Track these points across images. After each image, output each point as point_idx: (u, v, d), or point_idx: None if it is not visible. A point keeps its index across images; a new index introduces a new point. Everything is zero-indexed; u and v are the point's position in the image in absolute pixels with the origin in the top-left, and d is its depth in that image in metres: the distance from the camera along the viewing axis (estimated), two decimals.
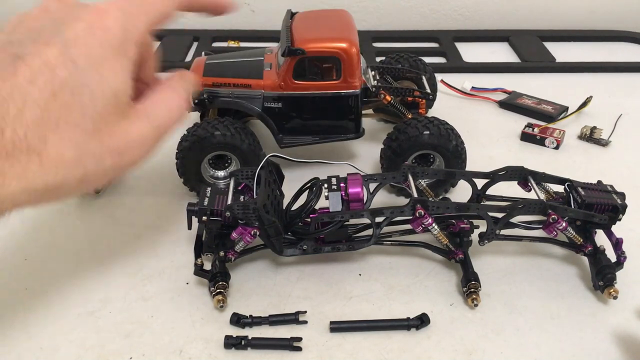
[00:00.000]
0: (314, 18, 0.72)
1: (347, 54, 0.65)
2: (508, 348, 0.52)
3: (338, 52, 0.65)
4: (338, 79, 0.67)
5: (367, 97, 0.71)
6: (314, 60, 0.66)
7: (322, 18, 0.72)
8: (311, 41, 0.65)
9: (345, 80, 0.67)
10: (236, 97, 0.69)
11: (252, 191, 0.58)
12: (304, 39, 0.66)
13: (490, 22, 1.16)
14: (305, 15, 0.72)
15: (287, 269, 0.59)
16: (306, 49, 0.65)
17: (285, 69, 0.66)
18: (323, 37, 0.66)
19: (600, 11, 1.16)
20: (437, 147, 0.65)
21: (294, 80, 0.67)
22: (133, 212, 0.67)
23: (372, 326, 0.53)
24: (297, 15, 0.72)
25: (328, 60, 0.66)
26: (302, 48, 0.65)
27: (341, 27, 0.69)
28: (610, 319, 0.55)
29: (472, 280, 0.55)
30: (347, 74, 0.66)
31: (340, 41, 0.66)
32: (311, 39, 0.66)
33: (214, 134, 0.64)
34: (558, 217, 0.56)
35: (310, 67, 0.67)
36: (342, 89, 0.67)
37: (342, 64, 0.66)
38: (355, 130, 0.70)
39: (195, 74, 0.70)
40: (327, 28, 0.69)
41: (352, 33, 0.68)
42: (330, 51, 0.65)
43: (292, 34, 0.67)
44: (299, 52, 0.65)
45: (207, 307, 0.55)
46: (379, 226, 0.57)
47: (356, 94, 0.68)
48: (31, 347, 0.51)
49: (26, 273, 0.58)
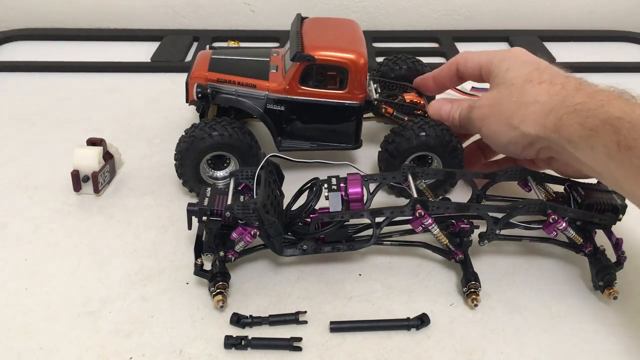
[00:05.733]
0: (324, 25, 0.72)
1: (355, 65, 0.66)
2: (508, 348, 0.52)
3: (347, 63, 0.66)
4: (343, 89, 0.67)
5: (368, 109, 0.72)
6: (321, 68, 0.67)
7: (332, 26, 0.72)
8: (321, 49, 0.66)
9: (350, 91, 0.67)
10: (239, 96, 0.69)
11: (252, 191, 0.58)
12: (314, 46, 0.66)
13: (490, 22, 1.16)
14: (315, 22, 0.72)
15: (287, 269, 0.59)
16: (316, 57, 0.65)
17: (292, 74, 0.66)
18: (333, 46, 0.67)
19: (600, 11, 1.16)
20: (433, 148, 0.65)
21: (300, 86, 0.67)
22: (133, 212, 0.67)
23: (372, 326, 0.53)
24: (306, 20, 0.73)
25: (336, 69, 0.66)
26: (311, 55, 0.65)
27: (351, 37, 0.70)
28: (610, 319, 0.55)
29: (472, 280, 0.55)
30: (353, 85, 0.67)
31: (350, 52, 0.66)
32: (321, 47, 0.66)
33: (212, 134, 0.64)
34: (558, 217, 0.56)
35: (317, 74, 0.67)
36: (347, 99, 0.68)
37: (350, 75, 0.66)
38: (355, 141, 0.71)
39: (200, 67, 0.70)
40: (338, 37, 0.69)
41: (361, 45, 0.68)
42: (339, 61, 0.66)
43: (302, 39, 0.67)
44: (308, 58, 0.65)
45: (207, 307, 0.55)
46: (379, 226, 0.57)
47: (360, 105, 0.68)
48: (31, 347, 0.51)
49: (26, 273, 0.58)
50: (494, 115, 0.61)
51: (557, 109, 0.55)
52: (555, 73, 0.59)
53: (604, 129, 0.50)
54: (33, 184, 0.71)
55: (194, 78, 0.69)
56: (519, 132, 0.58)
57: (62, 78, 0.96)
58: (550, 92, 0.57)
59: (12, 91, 0.92)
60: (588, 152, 0.52)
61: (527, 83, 0.59)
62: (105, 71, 0.98)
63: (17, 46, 1.08)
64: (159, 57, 1.03)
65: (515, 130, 0.58)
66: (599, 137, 0.50)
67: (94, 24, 1.13)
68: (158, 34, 1.10)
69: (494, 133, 0.61)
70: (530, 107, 0.57)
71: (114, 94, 0.92)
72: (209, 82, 0.69)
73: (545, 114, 0.56)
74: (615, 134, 0.49)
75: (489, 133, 0.62)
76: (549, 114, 0.55)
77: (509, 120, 0.59)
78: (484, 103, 0.63)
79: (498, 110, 0.60)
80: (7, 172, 0.73)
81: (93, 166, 0.67)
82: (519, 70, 0.61)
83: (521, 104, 0.58)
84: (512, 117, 0.58)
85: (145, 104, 0.89)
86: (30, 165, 0.74)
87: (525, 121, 0.57)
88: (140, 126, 0.83)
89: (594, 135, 0.50)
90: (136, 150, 0.77)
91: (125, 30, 1.13)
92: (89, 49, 1.06)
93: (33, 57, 1.01)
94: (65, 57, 1.01)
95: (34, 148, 0.78)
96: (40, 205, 0.67)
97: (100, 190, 0.68)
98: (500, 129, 0.60)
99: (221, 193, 0.57)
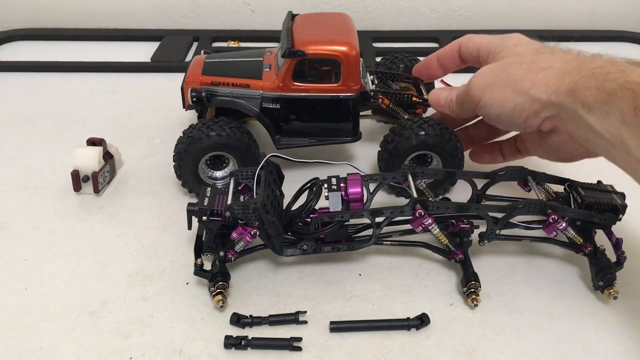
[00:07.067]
0: (315, 20, 0.72)
1: (347, 57, 0.66)
2: (508, 348, 0.52)
3: (338, 55, 0.65)
4: (337, 82, 0.67)
5: (365, 101, 0.71)
6: (313, 62, 0.66)
7: (323, 21, 0.72)
8: (312, 43, 0.66)
9: (344, 83, 0.67)
10: (235, 97, 0.69)
11: (252, 191, 0.58)
12: (305, 41, 0.66)
13: (490, 22, 1.16)
14: (306, 18, 0.72)
15: (287, 269, 0.59)
16: (306, 51, 0.65)
17: (284, 71, 0.66)
18: (324, 40, 0.66)
19: (600, 11, 1.16)
20: (433, 147, 0.65)
21: (293, 82, 0.67)
22: (133, 212, 0.67)
23: (372, 326, 0.53)
24: (297, 17, 0.72)
25: (328, 63, 0.66)
26: (302, 50, 0.65)
27: (342, 30, 0.69)
28: (610, 319, 0.55)
29: (472, 280, 0.55)
30: (347, 78, 0.67)
31: (340, 44, 0.66)
32: (312, 41, 0.66)
33: (209, 134, 0.64)
34: (558, 217, 0.56)
35: (310, 69, 0.67)
36: (341, 92, 0.67)
37: (342, 67, 0.66)
38: (353, 134, 0.71)
39: (194, 72, 0.70)
40: (328, 31, 0.69)
41: (353, 37, 0.68)
42: (330, 54, 0.65)
43: (292, 35, 0.67)
44: (299, 53, 0.65)
45: (207, 307, 0.55)
46: (379, 226, 0.57)
47: (355, 97, 0.68)
48: (31, 347, 0.51)
49: (26, 273, 0.58)
50: (499, 82, 0.58)
51: (574, 72, 0.53)
52: (566, 48, 0.58)
53: (623, 93, 0.48)
54: (33, 184, 0.71)
55: (189, 83, 0.70)
56: (528, 97, 0.56)
57: (62, 78, 0.96)
58: (566, 59, 0.55)
59: (12, 91, 0.92)
60: (603, 117, 0.50)
61: (540, 53, 0.58)
62: (105, 71, 0.98)
63: (18, 46, 1.08)
64: (159, 57, 1.03)
65: (523, 95, 0.56)
66: (616, 102, 0.49)
67: (94, 24, 1.13)
68: (158, 34, 1.10)
69: (497, 101, 0.58)
70: (543, 72, 0.55)
71: (114, 94, 0.92)
72: (203, 86, 0.69)
73: (560, 77, 0.54)
74: (634, 99, 0.47)
75: (491, 101, 0.59)
76: (564, 77, 0.54)
77: (517, 85, 0.56)
78: (486, 71, 0.61)
79: (504, 77, 0.58)
80: (7, 172, 0.73)
81: (93, 166, 0.67)
82: (528, 45, 0.60)
83: (533, 68, 0.56)
84: (522, 81, 0.56)
85: (145, 104, 0.89)
86: (30, 165, 0.74)
87: (536, 85, 0.55)
88: (140, 126, 0.83)
89: (611, 100, 0.49)
90: (136, 150, 0.77)
91: (125, 30, 1.13)
92: (89, 49, 1.06)
93: (33, 57, 1.01)
94: (65, 57, 1.01)
95: (34, 148, 0.78)
96: (40, 205, 0.67)
97: (100, 190, 0.68)
98: (505, 96, 0.57)
99: (221, 193, 0.57)
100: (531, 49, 0.59)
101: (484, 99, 0.59)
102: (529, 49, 0.59)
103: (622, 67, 0.51)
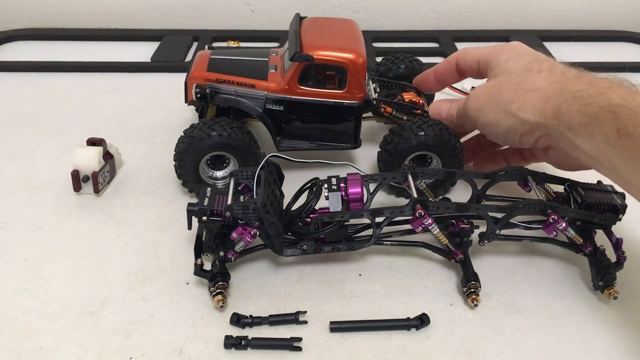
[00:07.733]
0: (323, 25, 0.72)
1: (354, 65, 0.66)
2: (508, 348, 0.52)
3: (346, 63, 0.66)
4: (342, 89, 0.67)
5: (367, 109, 0.72)
6: (320, 68, 0.66)
7: (331, 26, 0.72)
8: (320, 49, 0.66)
9: (349, 91, 0.67)
10: (238, 96, 0.69)
11: (252, 191, 0.58)
12: (313, 46, 0.66)
13: (490, 22, 1.16)
14: (314, 22, 0.72)
15: (287, 269, 0.59)
16: (315, 56, 0.65)
17: (291, 74, 0.66)
18: (332, 46, 0.67)
19: (600, 11, 1.16)
20: (432, 147, 0.65)
21: (299, 86, 0.67)
22: (133, 212, 0.67)
23: (372, 326, 0.53)
24: (305, 20, 0.73)
25: (334, 69, 0.66)
26: (310, 54, 0.65)
27: (350, 37, 0.70)
28: (610, 319, 0.55)
29: (472, 280, 0.55)
30: (352, 85, 0.67)
31: (348, 52, 0.66)
32: (320, 47, 0.66)
33: (210, 134, 0.64)
34: (558, 217, 0.56)
35: (315, 74, 0.67)
36: (346, 99, 0.68)
37: (349, 74, 0.66)
38: (354, 141, 0.71)
39: (199, 67, 0.70)
40: (336, 37, 0.69)
41: (360, 45, 0.68)
42: (338, 61, 0.66)
43: (301, 39, 0.67)
44: (307, 58, 0.65)
45: (207, 307, 0.55)
46: (379, 226, 0.57)
47: (359, 105, 0.68)
48: (31, 347, 0.51)
49: (26, 273, 0.58)
50: (492, 103, 0.60)
51: (557, 95, 0.54)
52: (554, 63, 0.59)
53: (604, 116, 0.49)
54: (33, 184, 0.71)
55: (193, 78, 0.69)
56: (518, 119, 0.58)
57: (62, 78, 0.96)
58: (550, 80, 0.57)
59: (12, 91, 0.92)
60: (588, 139, 0.51)
61: (527, 72, 0.59)
62: (105, 71, 0.98)
63: (18, 46, 1.08)
64: (159, 57, 1.03)
65: (513, 117, 0.58)
66: (598, 124, 0.50)
67: (94, 24, 1.13)
68: (158, 34, 1.10)
69: (491, 122, 0.61)
70: (530, 94, 0.57)
71: (114, 94, 0.92)
72: (207, 82, 0.69)
73: (544, 101, 0.55)
74: (615, 121, 0.48)
75: (487, 122, 0.61)
76: (548, 100, 0.55)
77: (507, 107, 0.58)
78: (481, 92, 0.63)
79: (496, 98, 0.60)
80: (7, 172, 0.73)
81: (93, 166, 0.67)
82: (518, 61, 0.61)
83: (520, 91, 0.58)
84: (511, 104, 0.58)
85: (145, 104, 0.89)
86: (30, 165, 0.74)
87: (524, 108, 0.57)
88: (140, 126, 0.83)
89: (593, 122, 0.50)
90: (136, 150, 0.77)
91: (125, 30, 1.13)
92: (89, 49, 1.06)
93: (33, 57, 1.01)
94: (65, 57, 1.01)
95: (34, 148, 0.78)
96: (40, 205, 0.67)
97: (100, 190, 0.68)
98: (498, 117, 0.60)
99: (221, 193, 0.57)
100: (520, 65, 0.60)
101: (481, 120, 0.62)
102: (518, 65, 0.60)
103: (603, 89, 0.51)
